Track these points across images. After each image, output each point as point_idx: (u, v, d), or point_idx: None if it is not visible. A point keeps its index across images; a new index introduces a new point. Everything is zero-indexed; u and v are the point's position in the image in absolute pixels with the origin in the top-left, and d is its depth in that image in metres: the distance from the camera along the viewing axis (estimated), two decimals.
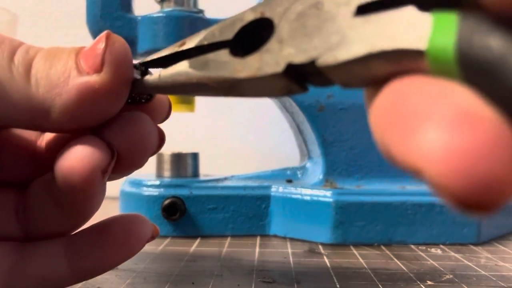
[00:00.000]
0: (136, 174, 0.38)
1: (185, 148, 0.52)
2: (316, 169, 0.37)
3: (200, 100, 0.42)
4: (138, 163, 0.16)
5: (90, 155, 0.14)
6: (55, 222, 0.17)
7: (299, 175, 0.38)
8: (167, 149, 0.39)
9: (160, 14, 0.33)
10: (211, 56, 0.14)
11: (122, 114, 0.16)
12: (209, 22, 0.35)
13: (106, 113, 0.15)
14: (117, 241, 0.17)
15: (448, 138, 0.09)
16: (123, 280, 0.24)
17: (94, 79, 0.14)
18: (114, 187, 0.58)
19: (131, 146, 0.15)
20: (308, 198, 0.33)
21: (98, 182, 0.15)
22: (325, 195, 0.33)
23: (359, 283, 0.24)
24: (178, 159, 0.37)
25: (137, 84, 0.15)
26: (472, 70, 0.09)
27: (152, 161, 0.38)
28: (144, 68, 0.16)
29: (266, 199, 0.35)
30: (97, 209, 0.18)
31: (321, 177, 0.35)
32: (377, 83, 0.11)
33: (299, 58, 0.12)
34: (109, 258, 0.17)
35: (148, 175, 0.38)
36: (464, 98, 0.09)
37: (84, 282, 0.23)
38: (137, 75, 0.15)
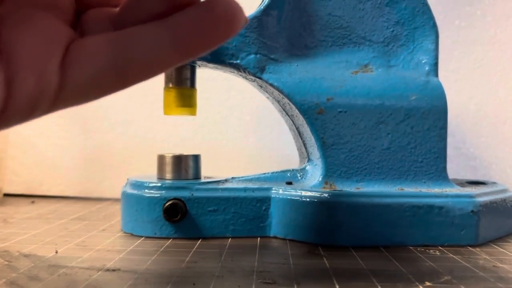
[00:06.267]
0: (138, 176, 0.39)
1: (187, 150, 0.53)
2: (315, 171, 0.37)
3: (201, 104, 0.43)
4: None
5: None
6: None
7: (299, 177, 0.38)
8: (169, 152, 0.39)
9: None
10: None
11: None
12: None
13: None
14: (220, 18, 0.17)
15: None
16: (124, 281, 0.24)
17: None
18: (116, 188, 0.58)
19: None
20: (307, 200, 0.33)
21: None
22: (325, 197, 0.33)
23: (358, 284, 0.24)
24: (180, 161, 0.37)
25: None
26: None
27: (153, 163, 0.38)
28: None
29: (266, 201, 0.35)
30: None
31: (320, 179, 0.35)
32: None
33: None
34: (212, 36, 0.17)
35: (149, 177, 0.38)
36: None
37: (86, 283, 0.24)
38: None
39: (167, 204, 0.34)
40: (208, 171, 0.43)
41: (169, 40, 0.17)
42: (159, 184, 0.35)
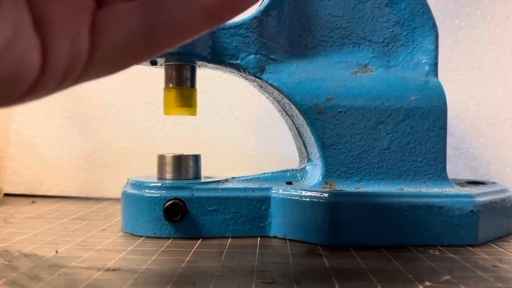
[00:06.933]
0: (138, 176, 0.39)
1: (187, 150, 0.53)
2: (315, 171, 0.37)
3: (201, 104, 0.43)
4: None
5: None
6: None
7: (299, 177, 0.39)
8: (169, 152, 0.39)
9: None
10: None
11: None
12: None
13: None
14: None
15: None
16: (125, 281, 0.24)
17: None
18: (116, 188, 0.58)
19: None
20: (307, 199, 0.33)
21: None
22: (325, 196, 0.33)
23: (358, 284, 0.24)
24: (180, 161, 0.37)
25: None
26: None
27: (153, 163, 0.38)
28: None
29: (266, 201, 0.35)
30: None
31: (320, 179, 0.35)
32: None
33: None
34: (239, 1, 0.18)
35: (149, 177, 0.38)
36: None
37: (86, 282, 0.24)
38: None
39: (167, 204, 0.34)
40: (208, 171, 0.43)
41: (197, 3, 0.17)
42: (159, 184, 0.35)
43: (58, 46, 0.17)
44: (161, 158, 0.37)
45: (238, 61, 0.35)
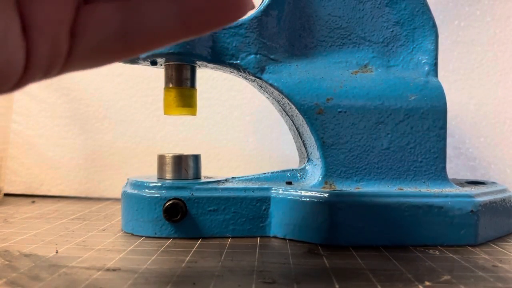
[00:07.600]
0: (138, 176, 0.39)
1: (187, 150, 0.53)
2: (315, 171, 0.37)
3: (201, 104, 0.43)
4: None
5: None
6: None
7: (299, 177, 0.39)
8: (169, 152, 0.39)
9: None
10: None
11: None
12: None
13: None
14: (230, 0, 0.18)
15: None
16: (124, 280, 0.24)
17: None
18: (116, 188, 0.58)
19: None
20: (307, 199, 0.33)
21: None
22: (324, 196, 0.33)
23: (358, 284, 0.24)
24: (180, 161, 0.37)
25: None
26: None
27: (153, 163, 0.38)
28: None
29: (266, 201, 0.35)
30: None
31: (320, 179, 0.35)
32: None
33: None
34: (219, 16, 0.18)
35: (149, 177, 0.38)
36: None
37: (86, 282, 0.24)
38: None
39: (167, 204, 0.34)
40: (208, 171, 0.43)
41: (177, 13, 0.18)
42: (159, 184, 0.35)
43: (40, 47, 0.17)
44: (161, 158, 0.37)
45: (238, 61, 0.35)
